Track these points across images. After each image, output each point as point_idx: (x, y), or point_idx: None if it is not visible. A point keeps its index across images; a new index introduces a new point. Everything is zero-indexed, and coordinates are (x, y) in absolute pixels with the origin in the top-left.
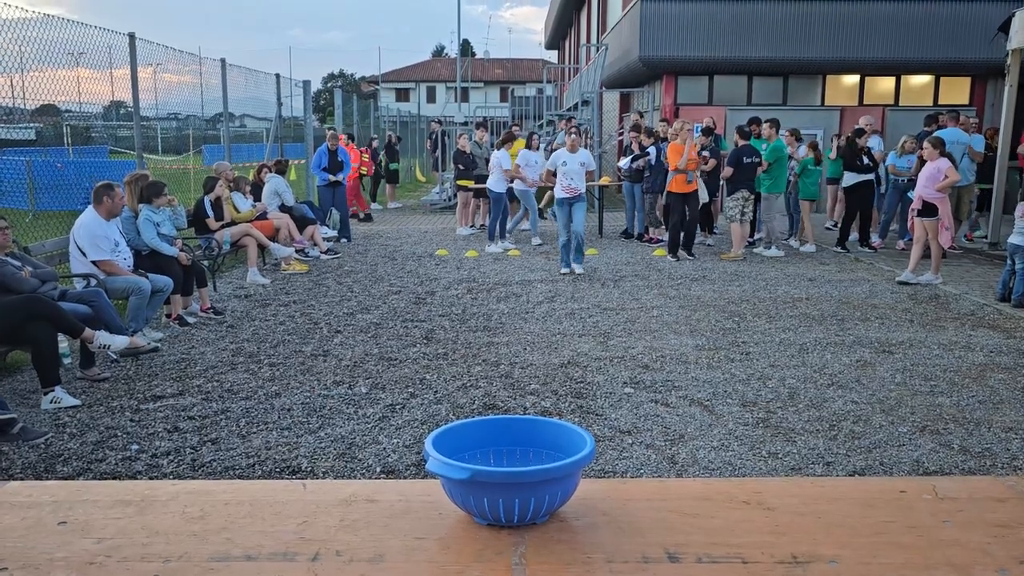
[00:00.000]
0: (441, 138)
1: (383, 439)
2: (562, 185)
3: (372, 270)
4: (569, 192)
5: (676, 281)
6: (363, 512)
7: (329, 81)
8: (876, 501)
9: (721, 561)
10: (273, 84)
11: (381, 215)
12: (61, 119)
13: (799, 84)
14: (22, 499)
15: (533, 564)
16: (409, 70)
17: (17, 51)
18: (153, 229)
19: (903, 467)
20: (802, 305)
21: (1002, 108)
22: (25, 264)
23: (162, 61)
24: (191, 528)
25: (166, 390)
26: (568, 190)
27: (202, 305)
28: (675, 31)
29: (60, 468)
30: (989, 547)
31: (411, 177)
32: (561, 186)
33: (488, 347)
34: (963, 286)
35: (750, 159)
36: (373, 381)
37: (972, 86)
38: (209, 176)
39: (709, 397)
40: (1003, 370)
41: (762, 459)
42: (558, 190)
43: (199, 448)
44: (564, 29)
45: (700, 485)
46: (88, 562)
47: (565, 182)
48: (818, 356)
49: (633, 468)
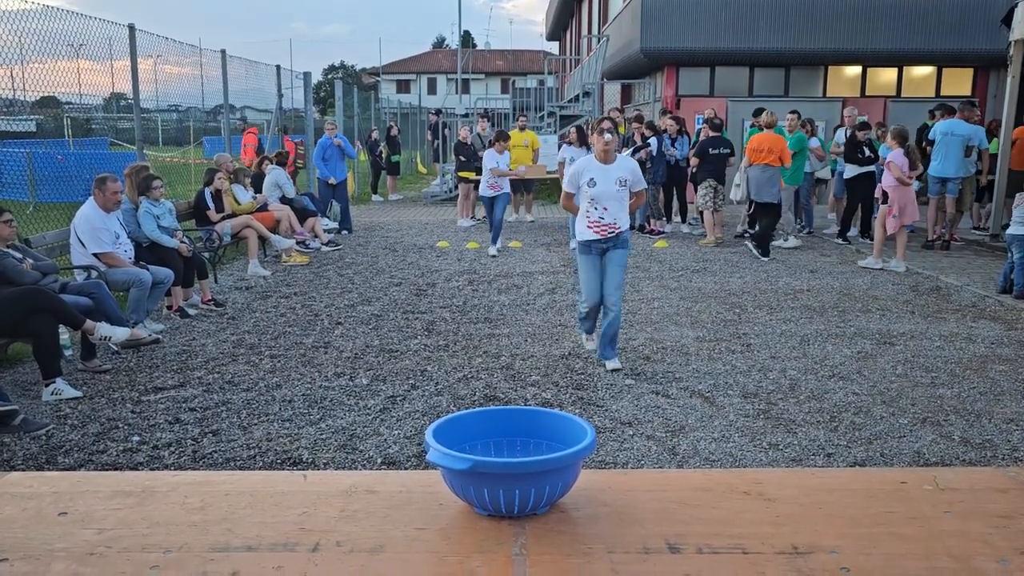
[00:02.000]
0: (441, 129)
1: (384, 430)
2: (588, 218)
3: (373, 262)
4: (600, 231)
5: (677, 273)
6: (364, 503)
7: (330, 73)
8: (877, 492)
9: (722, 552)
10: (274, 76)
11: (382, 207)
12: (61, 111)
13: (801, 75)
14: (23, 490)
15: (534, 555)
16: (410, 62)
17: (17, 43)
18: (153, 221)
19: (904, 458)
20: (803, 296)
21: (1004, 100)
22: (26, 256)
23: (162, 53)
24: (191, 519)
25: (167, 382)
26: (599, 228)
27: (203, 297)
28: (677, 22)
29: (61, 459)
30: (990, 537)
31: (412, 169)
32: (586, 219)
33: (489, 339)
34: (964, 278)
35: (717, 150)
36: (374, 373)
37: (975, 77)
38: (209, 168)
39: (710, 388)
40: (1004, 361)
41: (763, 450)
42: (580, 226)
43: (200, 439)
44: (565, 20)
45: (701, 476)
46: (88, 553)
47: (594, 214)
48: (819, 347)
49: (634, 459)
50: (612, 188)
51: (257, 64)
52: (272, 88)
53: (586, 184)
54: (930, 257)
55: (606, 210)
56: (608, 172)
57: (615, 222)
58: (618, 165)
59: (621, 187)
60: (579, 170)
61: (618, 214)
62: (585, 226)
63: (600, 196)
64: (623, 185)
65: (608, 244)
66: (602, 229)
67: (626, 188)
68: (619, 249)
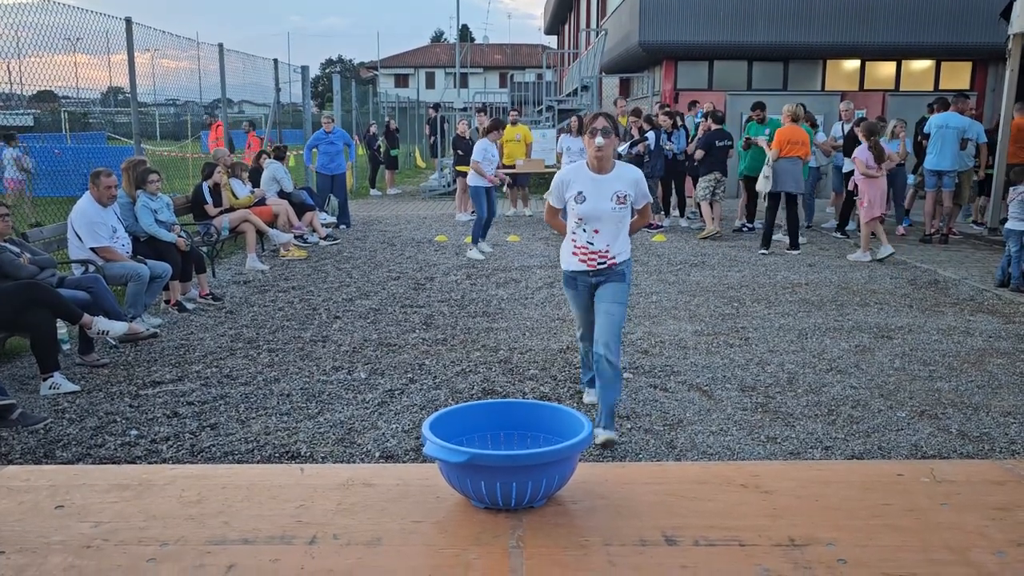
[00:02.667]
0: (440, 124)
1: (382, 424)
2: (574, 243)
3: (371, 256)
4: (589, 261)
5: (675, 267)
6: (361, 496)
7: (327, 67)
8: (874, 484)
9: (719, 544)
10: (271, 70)
11: (381, 201)
12: (59, 105)
13: (800, 69)
14: (19, 483)
15: (530, 547)
16: (408, 56)
17: (14, 36)
18: (151, 215)
19: (901, 451)
20: (801, 290)
21: (1003, 93)
22: (23, 250)
23: (159, 46)
24: (188, 512)
25: (165, 376)
26: (587, 256)
27: (201, 291)
28: (675, 16)
29: (59, 453)
30: (987, 530)
31: (410, 163)
32: (572, 244)
33: (487, 332)
34: (962, 271)
35: (722, 143)
36: (372, 367)
37: (973, 71)
38: (207, 162)
39: (708, 382)
40: (1002, 355)
41: (760, 444)
42: (564, 251)
43: (198, 433)
44: (564, 14)
45: (698, 469)
46: (85, 546)
47: (582, 237)
48: (817, 341)
49: (631, 453)
50: (607, 206)
51: (255, 58)
52: (270, 82)
53: (573, 199)
54: (928, 251)
55: (597, 233)
56: (602, 184)
57: (609, 249)
58: (616, 176)
59: (619, 205)
60: (565, 180)
61: (614, 239)
62: (570, 252)
63: (590, 215)
64: (622, 203)
65: (600, 277)
66: (591, 258)
67: (626, 206)
68: (614, 283)
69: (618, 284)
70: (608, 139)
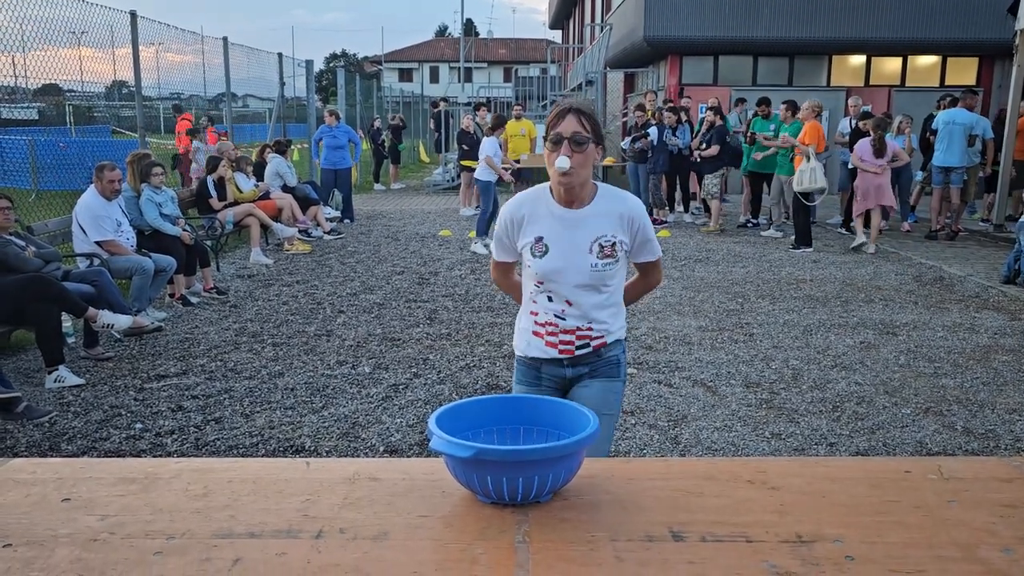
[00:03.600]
0: (445, 119)
1: (386, 419)
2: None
3: (375, 250)
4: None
5: (680, 262)
6: (367, 490)
7: (331, 61)
8: (881, 481)
9: (725, 540)
10: (275, 64)
11: (385, 195)
12: (63, 99)
13: (805, 64)
14: (26, 476)
15: (536, 542)
16: (412, 50)
17: (19, 30)
18: (155, 209)
19: (906, 448)
20: (806, 286)
21: (1010, 89)
22: (28, 244)
23: (164, 40)
24: (194, 505)
25: (169, 369)
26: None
27: (205, 285)
28: (680, 10)
29: (64, 447)
30: (994, 527)
31: (415, 158)
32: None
33: (491, 327)
34: (968, 268)
35: (732, 139)
36: (376, 361)
37: (980, 66)
38: (211, 156)
39: (712, 378)
40: (1007, 352)
41: (765, 440)
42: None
43: (203, 427)
44: (568, 8)
45: (704, 464)
46: (92, 539)
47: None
48: (821, 337)
49: (636, 449)
50: (582, 261)
51: (259, 52)
52: (274, 76)
53: (529, 248)
54: (934, 247)
55: (569, 305)
56: (575, 226)
57: (589, 326)
58: (598, 211)
59: (603, 260)
60: (514, 216)
61: (596, 310)
62: (530, 331)
63: (552, 275)
64: (608, 255)
65: (580, 369)
66: (558, 339)
67: (615, 261)
68: (602, 381)
69: (608, 384)
70: (583, 154)
